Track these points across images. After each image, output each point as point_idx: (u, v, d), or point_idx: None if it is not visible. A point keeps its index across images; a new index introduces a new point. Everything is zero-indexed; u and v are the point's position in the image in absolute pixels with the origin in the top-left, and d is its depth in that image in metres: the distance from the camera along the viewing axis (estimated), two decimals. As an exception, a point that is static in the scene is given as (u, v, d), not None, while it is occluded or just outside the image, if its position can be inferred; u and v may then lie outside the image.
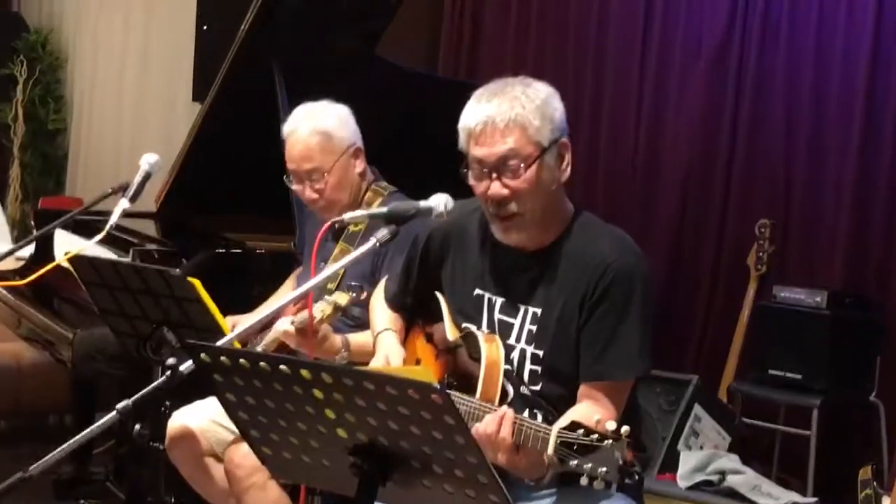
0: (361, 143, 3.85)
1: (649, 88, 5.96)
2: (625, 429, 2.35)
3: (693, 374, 4.99)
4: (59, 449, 2.37)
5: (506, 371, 2.79)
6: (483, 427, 2.57)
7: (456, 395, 2.76)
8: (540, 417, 2.69)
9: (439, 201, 2.88)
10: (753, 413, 5.21)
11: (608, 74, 6.12)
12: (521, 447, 2.53)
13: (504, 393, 2.77)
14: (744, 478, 3.98)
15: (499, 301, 2.91)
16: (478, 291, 2.94)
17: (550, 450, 2.41)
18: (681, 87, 5.82)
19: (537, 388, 2.84)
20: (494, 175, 2.77)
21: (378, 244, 2.77)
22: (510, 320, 2.88)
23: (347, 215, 3.02)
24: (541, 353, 2.83)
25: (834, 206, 5.22)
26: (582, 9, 6.31)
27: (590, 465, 2.33)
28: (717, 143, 5.65)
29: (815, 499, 3.99)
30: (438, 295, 3.03)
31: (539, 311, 2.84)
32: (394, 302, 3.20)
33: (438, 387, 2.07)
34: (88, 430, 2.40)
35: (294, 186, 3.84)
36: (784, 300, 5.06)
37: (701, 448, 4.76)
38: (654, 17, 5.95)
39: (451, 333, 2.94)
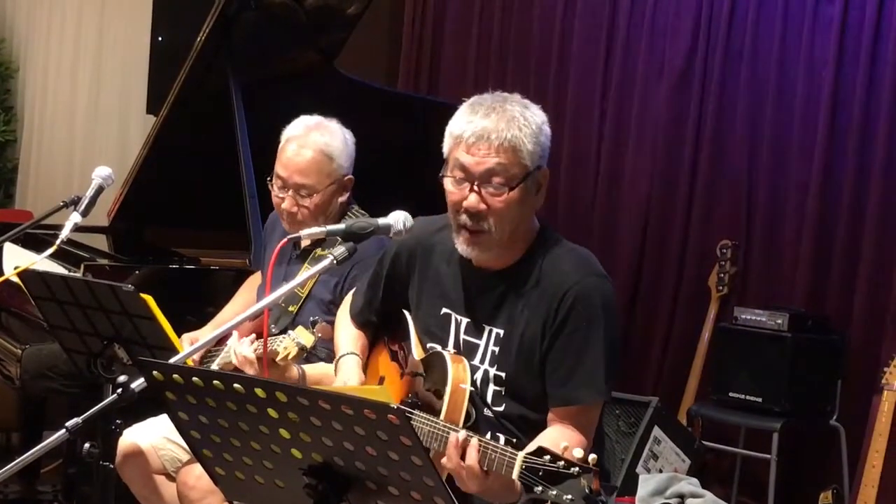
0: (352, 173, 3.82)
1: (611, 109, 5.99)
2: (592, 457, 2.34)
3: (653, 396, 5.02)
4: (5, 468, 2.35)
5: (470, 393, 2.79)
6: (447, 458, 2.56)
7: (420, 416, 2.76)
8: (502, 440, 2.64)
9: (398, 219, 2.88)
10: (713, 436, 5.24)
11: (570, 94, 6.15)
12: (489, 471, 2.51)
13: (468, 415, 2.78)
14: (703, 501, 4.00)
15: (464, 321, 2.93)
16: (445, 311, 2.95)
17: (515, 475, 2.40)
18: (642, 109, 5.86)
19: (500, 409, 2.85)
20: (475, 186, 2.78)
21: (336, 262, 2.76)
22: (475, 341, 2.90)
23: (304, 232, 3.00)
24: (503, 374, 2.84)
25: (796, 227, 5.26)
26: (544, 29, 6.34)
27: (555, 492, 2.31)
28: (679, 164, 5.69)
29: (774, 523, 4.01)
30: (406, 313, 3.04)
31: (502, 332, 2.86)
32: (358, 318, 3.20)
33: (395, 407, 2.07)
34: (36, 448, 2.38)
35: (276, 192, 3.80)
36: (745, 322, 5.09)
37: (660, 471, 4.77)
38: (617, 37, 5.99)
39: (417, 353, 2.95)
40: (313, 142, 3.74)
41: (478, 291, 2.91)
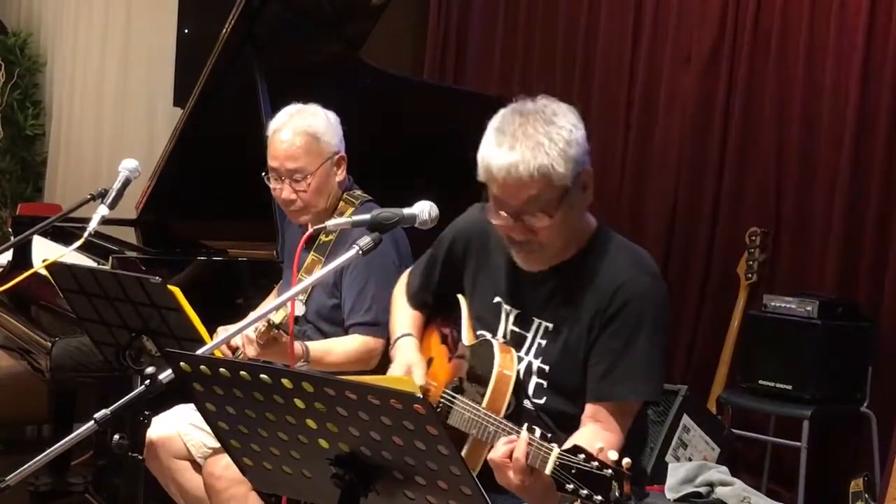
0: (344, 151, 3.86)
1: (638, 96, 5.98)
2: (626, 461, 2.32)
3: (682, 385, 5.01)
4: (35, 459, 2.37)
5: (515, 382, 2.80)
6: (495, 449, 2.56)
7: (462, 402, 2.79)
8: (538, 433, 2.63)
9: (423, 208, 2.88)
10: (743, 424, 5.23)
11: (596, 82, 6.15)
12: (533, 468, 2.49)
13: (508, 403, 2.78)
14: (733, 490, 3.99)
15: (514, 312, 2.92)
16: (497, 300, 2.95)
17: (548, 469, 2.39)
18: (670, 97, 5.85)
19: (540, 401, 2.84)
20: (517, 217, 2.74)
21: (361, 252, 2.76)
22: (523, 332, 2.89)
23: (330, 223, 3.03)
24: (547, 367, 2.84)
25: (825, 214, 5.24)
26: (571, 15, 6.33)
27: (586, 492, 2.30)
28: (708, 152, 5.67)
29: (805, 511, 4.01)
30: (460, 298, 3.04)
31: (550, 325, 2.85)
32: (414, 299, 3.20)
33: (421, 397, 2.08)
34: (65, 440, 2.40)
35: (272, 185, 3.84)
36: (774, 309, 5.07)
37: (689, 459, 4.77)
38: (644, 24, 5.98)
39: (467, 338, 2.96)
40: (296, 126, 3.79)
41: (529, 284, 2.89)
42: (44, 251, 4.58)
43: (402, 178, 3.84)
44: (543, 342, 2.85)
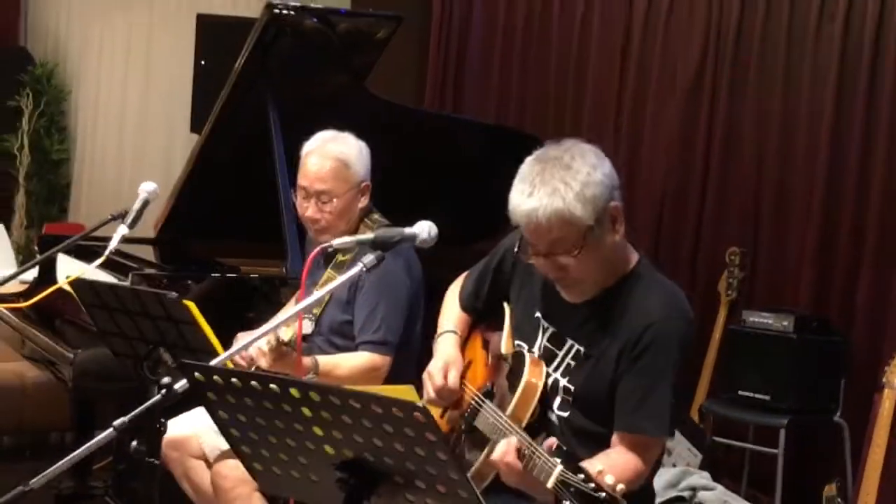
0: (369, 180, 3.86)
1: (625, 124, 6.00)
2: (620, 487, 2.33)
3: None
4: (58, 464, 2.36)
5: (540, 393, 2.81)
6: (496, 450, 2.60)
7: (489, 407, 2.81)
8: (553, 446, 2.67)
9: (423, 228, 2.89)
10: (724, 432, 5.22)
11: (586, 111, 6.16)
12: (528, 472, 2.53)
13: (532, 412, 2.79)
14: (714, 494, 3.98)
15: (550, 329, 2.92)
16: (537, 315, 2.95)
17: (550, 484, 2.41)
18: (655, 123, 5.86)
19: (565, 414, 2.84)
20: (547, 257, 2.76)
21: (365, 269, 2.77)
22: (555, 350, 2.89)
23: (336, 241, 3.05)
24: (573, 387, 2.83)
25: (800, 235, 5.24)
26: (562, 51, 6.35)
27: None
28: (690, 177, 5.68)
29: (782, 514, 4.00)
30: (506, 306, 3.05)
31: (582, 349, 2.84)
32: (465, 302, 3.19)
33: (421, 406, 2.08)
34: (86, 445, 2.39)
35: (299, 201, 3.85)
36: (753, 324, 5.06)
37: (674, 465, 4.76)
38: (632, 50, 6.00)
39: (505, 347, 2.96)
40: (330, 151, 3.80)
41: (567, 307, 2.88)
42: (67, 268, 4.58)
43: (407, 201, 3.83)
44: (573, 363, 2.85)
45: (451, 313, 3.21)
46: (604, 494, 2.30)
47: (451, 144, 5.23)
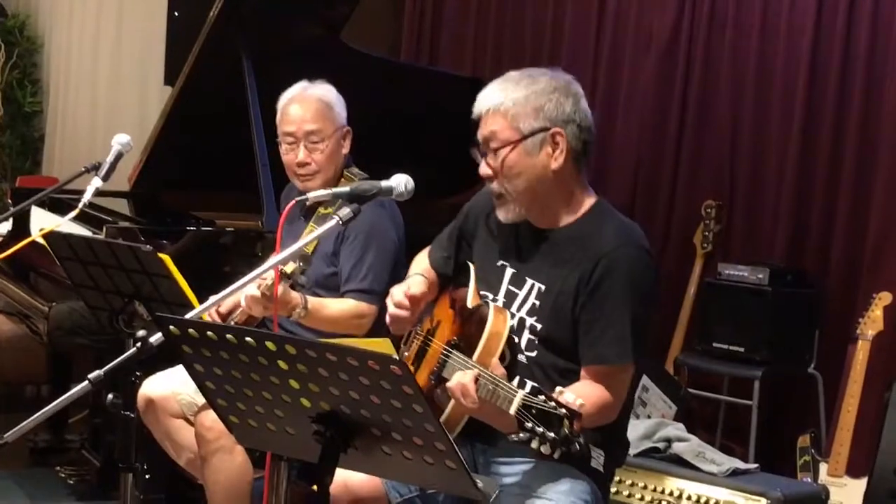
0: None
1: (602, 80, 5.98)
2: (580, 402, 2.38)
3: (641, 347, 5.01)
4: (33, 417, 2.35)
5: (508, 339, 2.83)
6: (453, 378, 2.63)
7: (456, 356, 2.83)
8: (528, 386, 2.74)
9: (400, 181, 2.89)
10: (698, 384, 5.25)
11: (563, 62, 6.12)
12: (492, 403, 2.55)
13: (502, 357, 2.80)
14: (688, 445, 3.99)
15: (511, 272, 2.95)
16: (500, 262, 2.98)
17: (512, 410, 2.43)
18: (632, 79, 5.84)
19: (533, 354, 2.86)
20: (485, 154, 2.85)
21: (341, 222, 2.76)
22: (516, 291, 2.91)
23: (311, 194, 3.03)
24: (539, 325, 2.85)
25: (776, 188, 5.24)
26: (539, 4, 6.32)
27: (541, 429, 2.35)
28: (666, 129, 5.67)
29: (756, 465, 4.01)
30: (470, 264, 3.06)
31: (543, 287, 2.87)
32: (435, 263, 3.20)
33: (397, 359, 2.08)
34: (62, 399, 2.39)
35: (285, 148, 3.84)
36: (728, 277, 5.08)
37: (649, 417, 4.78)
38: (607, 11, 5.98)
39: (471, 301, 2.97)
40: (312, 94, 3.84)
41: (527, 246, 2.93)
42: (41, 221, 4.56)
43: (381, 155, 3.82)
44: (537, 302, 2.86)
45: (420, 265, 3.21)
46: (563, 410, 2.34)
47: (429, 96, 5.21)
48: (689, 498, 3.79)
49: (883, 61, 4.91)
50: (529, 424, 2.37)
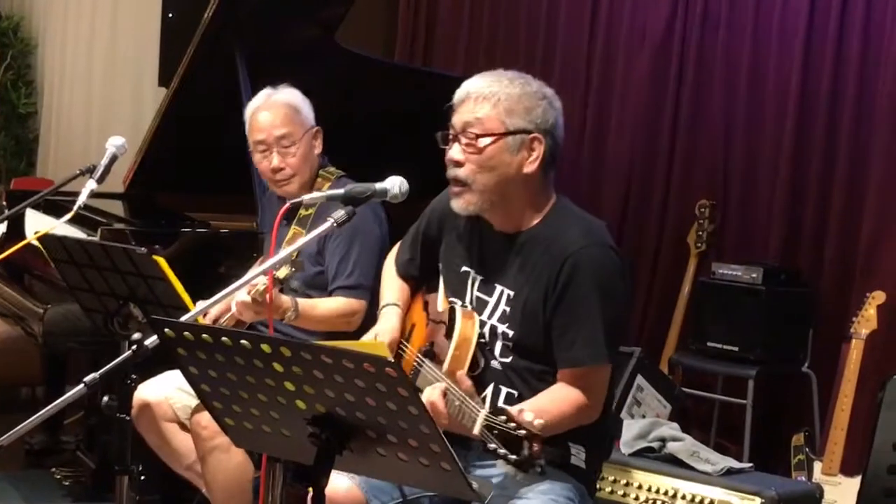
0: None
1: (596, 78, 5.98)
2: (538, 422, 2.37)
3: (636, 347, 5.01)
4: (30, 419, 2.35)
5: (480, 344, 2.83)
6: (426, 394, 2.62)
7: (428, 365, 2.83)
8: (504, 392, 2.77)
9: (394, 183, 2.88)
10: (693, 383, 5.26)
11: (557, 64, 6.13)
12: (458, 420, 2.56)
13: (475, 364, 2.81)
14: (683, 444, 3.98)
15: (478, 279, 2.94)
16: (464, 268, 2.97)
17: (476, 430, 2.45)
18: (625, 77, 5.85)
19: (507, 360, 2.86)
20: (457, 138, 2.83)
21: (336, 225, 2.76)
22: (486, 298, 2.90)
23: (306, 197, 3.02)
24: (511, 332, 2.85)
25: (769, 187, 5.25)
26: (532, 2, 6.32)
27: (503, 450, 2.36)
28: (660, 129, 5.67)
29: (750, 464, 4.01)
30: (441, 267, 3.06)
31: (512, 293, 2.86)
32: (401, 270, 3.20)
33: (392, 361, 2.08)
34: (58, 401, 2.39)
35: (257, 159, 3.84)
36: (722, 276, 5.09)
37: (643, 417, 4.78)
38: (601, 8, 5.98)
39: (441, 305, 2.98)
40: (277, 100, 3.87)
41: (492, 252, 2.92)
42: (36, 223, 4.55)
43: (376, 155, 3.82)
44: (507, 309, 2.86)
45: (390, 285, 3.20)
46: (523, 432, 2.34)
47: (422, 97, 5.20)
48: (683, 497, 3.78)
49: (875, 61, 4.92)
50: (492, 446, 2.39)
